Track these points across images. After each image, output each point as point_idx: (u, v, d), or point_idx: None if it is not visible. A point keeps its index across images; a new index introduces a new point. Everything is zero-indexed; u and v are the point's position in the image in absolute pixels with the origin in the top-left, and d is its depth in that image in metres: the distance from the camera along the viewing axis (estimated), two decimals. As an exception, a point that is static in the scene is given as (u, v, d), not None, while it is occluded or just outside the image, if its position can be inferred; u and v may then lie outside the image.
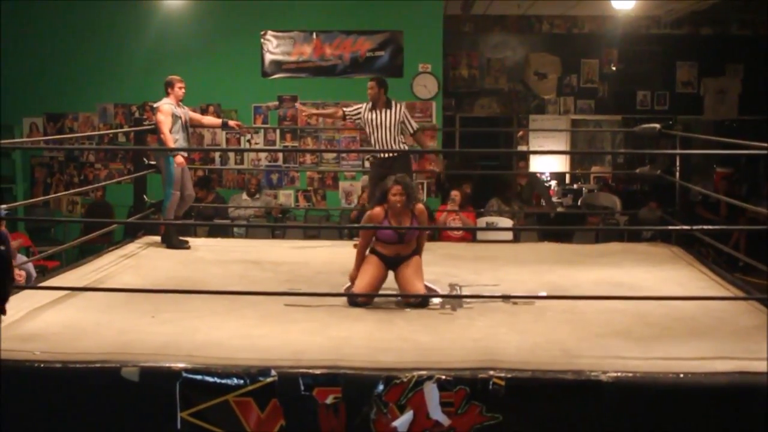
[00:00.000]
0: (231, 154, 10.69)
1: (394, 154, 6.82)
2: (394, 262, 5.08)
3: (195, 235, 8.03)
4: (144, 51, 10.23)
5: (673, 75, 12.60)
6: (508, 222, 9.45)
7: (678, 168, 7.39)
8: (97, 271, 5.84)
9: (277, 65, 10.44)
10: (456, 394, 3.62)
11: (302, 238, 8.71)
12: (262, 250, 6.92)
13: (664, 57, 12.49)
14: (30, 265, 6.87)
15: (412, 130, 7.05)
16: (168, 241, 6.89)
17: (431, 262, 5.39)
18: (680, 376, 3.65)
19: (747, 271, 7.26)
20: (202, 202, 9.28)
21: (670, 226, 7.01)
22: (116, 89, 10.47)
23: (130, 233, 7.52)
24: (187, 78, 7.14)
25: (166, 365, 3.74)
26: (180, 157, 6.81)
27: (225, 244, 7.36)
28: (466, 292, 5.27)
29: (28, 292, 4.93)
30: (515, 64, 12.63)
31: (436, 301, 5.00)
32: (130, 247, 6.82)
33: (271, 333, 4.30)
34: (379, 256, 5.08)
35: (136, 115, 10.40)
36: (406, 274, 5.04)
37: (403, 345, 4.14)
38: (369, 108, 6.98)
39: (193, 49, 10.26)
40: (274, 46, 10.43)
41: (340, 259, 6.13)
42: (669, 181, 7.45)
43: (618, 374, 3.65)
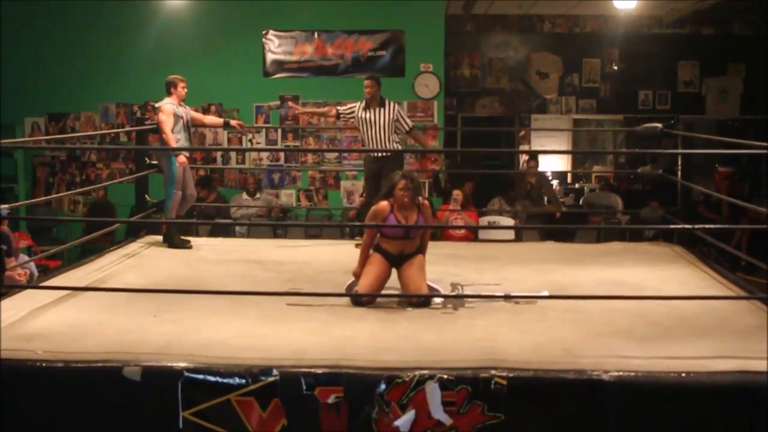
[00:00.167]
0: (233, 154, 10.71)
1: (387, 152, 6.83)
2: (398, 260, 5.08)
3: (197, 235, 8.03)
4: (146, 50, 10.24)
5: (675, 74, 12.60)
6: (510, 222, 9.45)
7: (680, 167, 7.41)
8: (99, 271, 5.83)
9: (279, 65, 10.44)
10: (458, 394, 3.62)
11: (304, 238, 8.72)
12: (264, 250, 6.92)
13: (666, 56, 12.48)
14: (32, 265, 6.88)
15: (408, 127, 7.06)
16: (170, 240, 6.89)
17: (433, 262, 5.39)
18: (682, 375, 3.65)
19: (749, 270, 7.27)
20: (203, 201, 9.30)
21: (671, 226, 7.01)
22: (118, 89, 10.49)
23: (132, 233, 7.51)
24: (189, 77, 7.15)
25: (168, 365, 3.74)
26: (182, 157, 6.81)
27: (227, 244, 7.35)
28: (468, 292, 5.26)
29: (30, 292, 4.94)
30: (517, 64, 12.63)
31: (438, 301, 4.99)
32: (132, 247, 6.81)
33: (272, 332, 4.29)
34: (383, 253, 5.08)
35: (138, 114, 10.41)
36: (409, 273, 5.03)
37: (405, 344, 4.13)
38: (363, 107, 6.99)
39: (194, 49, 10.27)
40: (276, 46, 10.43)
41: (341, 258, 6.14)
42: (671, 181, 7.45)
43: (620, 374, 3.64)
